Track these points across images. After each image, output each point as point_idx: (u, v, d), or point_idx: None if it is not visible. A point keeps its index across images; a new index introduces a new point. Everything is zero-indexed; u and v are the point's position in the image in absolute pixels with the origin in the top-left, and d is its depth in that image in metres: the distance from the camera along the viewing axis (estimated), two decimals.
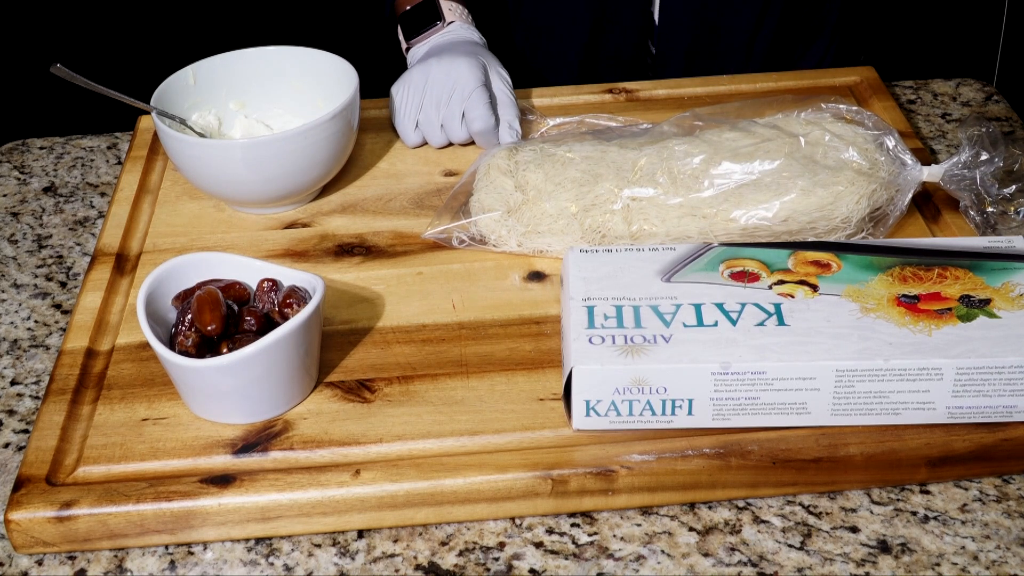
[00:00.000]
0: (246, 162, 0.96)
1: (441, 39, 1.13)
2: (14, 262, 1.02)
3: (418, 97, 1.06)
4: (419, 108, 1.06)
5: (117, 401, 0.83)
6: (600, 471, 0.76)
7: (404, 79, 1.08)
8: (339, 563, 0.75)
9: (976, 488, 0.78)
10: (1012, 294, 0.81)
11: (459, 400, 0.82)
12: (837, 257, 0.85)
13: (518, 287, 0.92)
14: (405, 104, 1.06)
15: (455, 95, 1.04)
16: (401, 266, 0.95)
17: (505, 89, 1.06)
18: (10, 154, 1.18)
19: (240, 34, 1.32)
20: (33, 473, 0.78)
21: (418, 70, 1.06)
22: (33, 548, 0.76)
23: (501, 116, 1.05)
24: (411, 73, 1.07)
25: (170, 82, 1.03)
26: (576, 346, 0.78)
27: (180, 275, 0.84)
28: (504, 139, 1.04)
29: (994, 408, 0.77)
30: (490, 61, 1.07)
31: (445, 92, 1.04)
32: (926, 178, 0.94)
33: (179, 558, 0.76)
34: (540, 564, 0.74)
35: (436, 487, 0.76)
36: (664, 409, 0.78)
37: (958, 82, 1.21)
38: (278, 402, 0.81)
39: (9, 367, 0.91)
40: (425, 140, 1.08)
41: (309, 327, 0.79)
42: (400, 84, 1.08)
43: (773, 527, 0.76)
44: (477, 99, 1.03)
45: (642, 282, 0.83)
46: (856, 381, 0.76)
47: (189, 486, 0.76)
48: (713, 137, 0.98)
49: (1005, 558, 0.73)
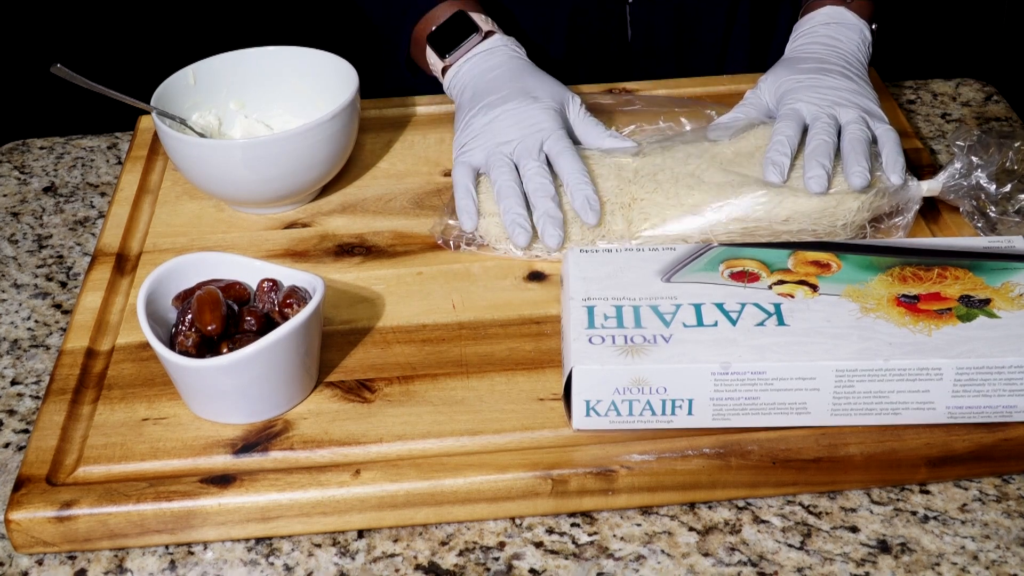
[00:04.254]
0: (246, 162, 0.96)
1: (487, 62, 1.06)
2: (14, 262, 1.02)
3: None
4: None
5: (117, 401, 0.83)
6: (600, 471, 0.76)
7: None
8: (339, 563, 0.75)
9: (976, 488, 0.78)
10: (1012, 294, 0.81)
11: (459, 400, 0.82)
12: (837, 257, 0.85)
13: (518, 287, 0.92)
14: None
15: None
16: (401, 266, 0.95)
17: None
18: (10, 154, 1.18)
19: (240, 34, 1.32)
20: (33, 473, 0.78)
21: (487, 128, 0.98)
22: (33, 548, 0.76)
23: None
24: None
25: (170, 82, 1.03)
26: (576, 346, 0.78)
27: (180, 275, 0.84)
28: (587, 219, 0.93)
29: (994, 408, 0.77)
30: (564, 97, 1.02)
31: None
32: (926, 193, 0.94)
33: (179, 558, 0.76)
34: (540, 564, 0.74)
35: (436, 487, 0.76)
36: (664, 409, 0.78)
37: (958, 82, 1.21)
38: (278, 402, 0.81)
39: (9, 367, 0.91)
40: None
41: (309, 327, 0.79)
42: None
43: (773, 527, 0.76)
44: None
45: (642, 282, 0.83)
46: (856, 381, 0.77)
47: (189, 486, 0.76)
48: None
49: (1005, 558, 0.74)
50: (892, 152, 0.93)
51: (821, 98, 0.97)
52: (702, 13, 1.21)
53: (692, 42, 1.23)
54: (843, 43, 1.05)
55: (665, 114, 1.05)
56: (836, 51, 1.04)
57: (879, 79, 1.15)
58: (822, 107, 0.96)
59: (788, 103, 0.98)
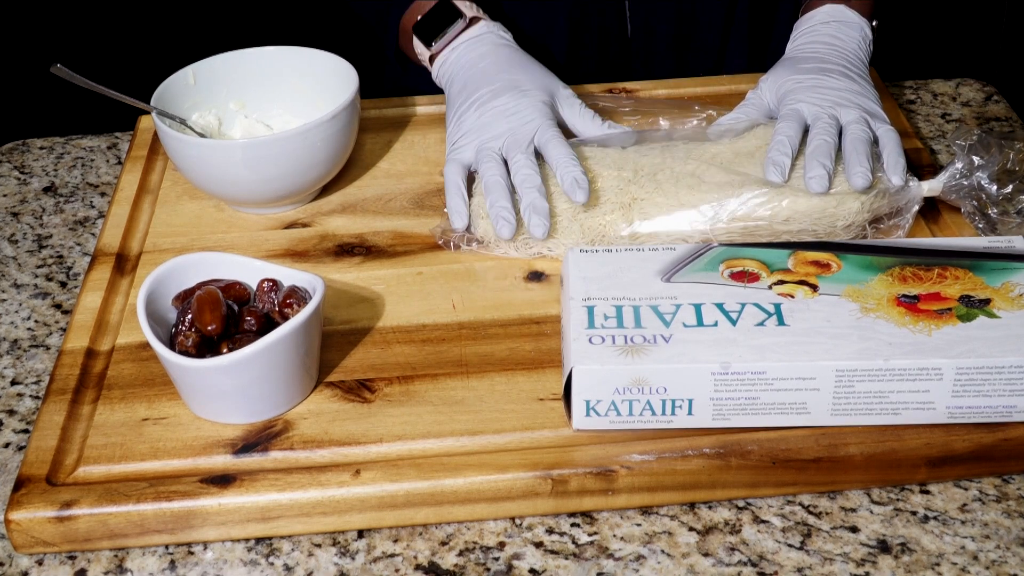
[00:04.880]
0: (246, 162, 0.96)
1: (474, 51, 1.06)
2: (14, 262, 1.02)
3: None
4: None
5: (117, 401, 0.83)
6: (600, 471, 0.76)
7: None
8: (339, 563, 0.75)
9: (976, 488, 0.78)
10: (1012, 294, 0.81)
11: (459, 400, 0.82)
12: (837, 257, 0.85)
13: (518, 287, 0.92)
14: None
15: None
16: (401, 266, 0.95)
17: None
18: (10, 154, 1.18)
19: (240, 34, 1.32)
20: (33, 473, 0.78)
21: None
22: (33, 548, 0.76)
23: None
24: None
25: (170, 82, 1.03)
26: (576, 346, 0.78)
27: (180, 275, 0.84)
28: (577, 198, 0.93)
29: (994, 408, 0.77)
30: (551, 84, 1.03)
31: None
32: (926, 193, 0.94)
33: (179, 558, 0.76)
34: (540, 564, 0.74)
35: (436, 487, 0.76)
36: (664, 409, 0.78)
37: (958, 82, 1.21)
38: (278, 402, 0.81)
39: (9, 367, 0.91)
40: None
41: (309, 327, 0.79)
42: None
43: (773, 527, 0.76)
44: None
45: (642, 282, 0.83)
46: (856, 381, 0.77)
47: (189, 486, 0.76)
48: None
49: (1005, 558, 0.74)
50: (893, 153, 0.93)
51: (822, 98, 0.97)
52: (701, 9, 1.21)
53: (692, 38, 1.23)
54: (844, 42, 1.05)
55: (665, 115, 1.05)
56: (837, 50, 1.04)
57: (879, 79, 1.15)
58: (823, 107, 0.96)
59: (789, 103, 0.98)
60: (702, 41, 1.24)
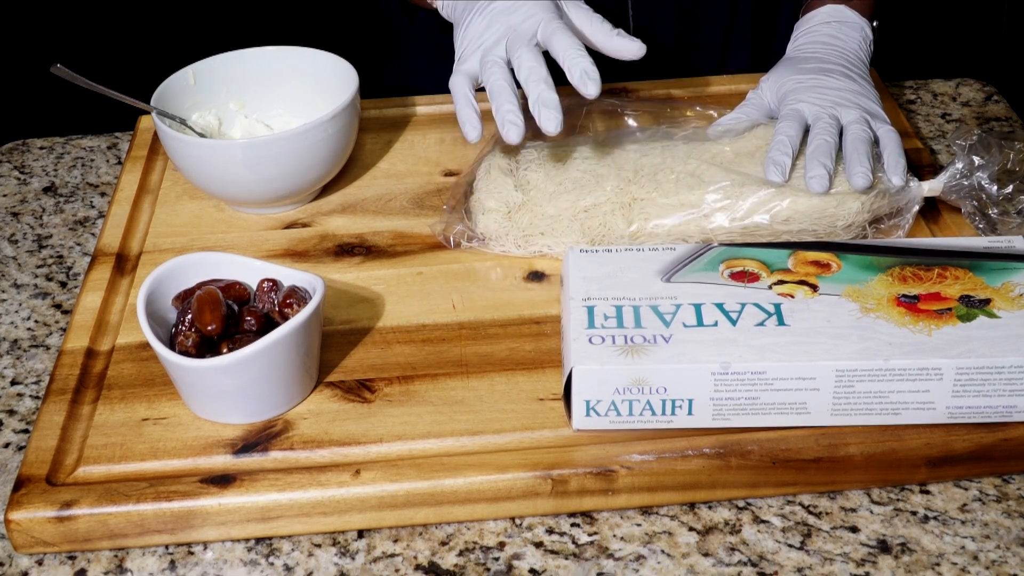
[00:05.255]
0: (246, 162, 0.96)
1: None
2: (14, 262, 1.02)
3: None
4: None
5: (117, 401, 0.83)
6: (600, 471, 0.76)
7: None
8: (339, 563, 0.75)
9: (976, 488, 0.78)
10: (1012, 294, 0.81)
11: (459, 400, 0.82)
12: (837, 257, 0.85)
13: (518, 287, 0.92)
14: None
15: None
16: (401, 266, 0.95)
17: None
18: (10, 154, 1.18)
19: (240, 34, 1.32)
20: (33, 473, 0.78)
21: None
22: (33, 548, 0.76)
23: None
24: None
25: (170, 82, 1.03)
26: (576, 346, 0.78)
27: (180, 275, 0.84)
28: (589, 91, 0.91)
29: (994, 408, 0.77)
30: None
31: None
32: (927, 193, 0.94)
33: (179, 558, 0.76)
34: (540, 564, 0.74)
35: (436, 487, 0.76)
36: (664, 409, 0.78)
37: (958, 82, 1.21)
38: (278, 402, 0.81)
39: (9, 367, 0.91)
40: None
41: (309, 327, 0.79)
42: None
43: (773, 527, 0.76)
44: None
45: (642, 282, 0.83)
46: (856, 381, 0.77)
47: (189, 486, 0.76)
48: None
49: (1005, 558, 0.74)
50: (894, 153, 0.93)
51: (823, 98, 0.97)
52: (704, 8, 1.21)
53: (694, 37, 1.23)
54: (844, 42, 1.05)
55: (665, 115, 1.05)
56: (838, 50, 1.04)
57: (879, 79, 1.15)
58: (824, 107, 0.96)
59: (790, 103, 0.98)
60: (705, 40, 1.24)
